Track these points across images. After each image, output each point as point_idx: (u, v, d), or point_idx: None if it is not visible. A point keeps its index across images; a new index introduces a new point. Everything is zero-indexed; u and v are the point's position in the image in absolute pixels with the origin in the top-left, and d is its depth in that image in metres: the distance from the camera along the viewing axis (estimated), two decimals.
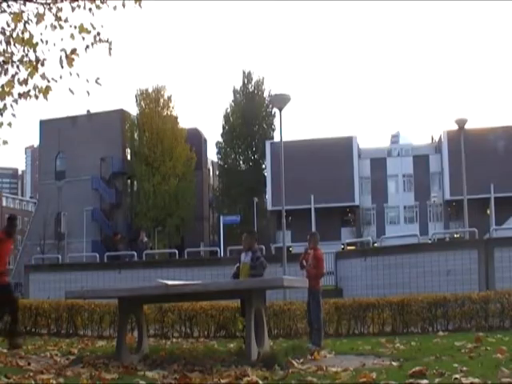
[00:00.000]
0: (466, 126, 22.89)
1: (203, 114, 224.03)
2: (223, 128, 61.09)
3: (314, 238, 9.76)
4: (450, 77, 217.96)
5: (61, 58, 7.18)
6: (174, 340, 11.62)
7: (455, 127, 23.40)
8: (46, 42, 7.23)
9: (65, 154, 60.42)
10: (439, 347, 8.25)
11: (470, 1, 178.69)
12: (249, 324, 7.06)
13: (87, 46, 7.25)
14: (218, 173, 65.39)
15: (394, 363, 6.72)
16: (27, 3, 7.26)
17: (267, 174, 57.46)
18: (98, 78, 7.18)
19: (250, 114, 58.94)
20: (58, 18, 7.26)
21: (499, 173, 50.86)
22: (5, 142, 7.25)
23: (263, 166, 60.21)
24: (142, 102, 57.47)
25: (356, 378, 5.43)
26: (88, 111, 61.75)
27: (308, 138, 58.86)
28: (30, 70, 7.22)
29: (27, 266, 23.25)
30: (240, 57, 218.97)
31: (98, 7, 7.32)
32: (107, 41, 7.32)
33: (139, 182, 56.76)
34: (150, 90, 57.62)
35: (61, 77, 7.17)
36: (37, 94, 7.20)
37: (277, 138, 54.44)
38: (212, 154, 66.71)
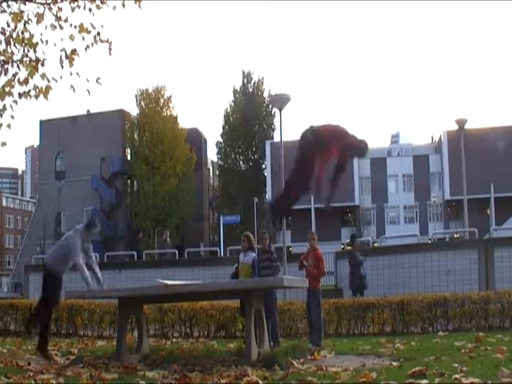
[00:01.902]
0: (466, 126, 22.85)
1: (203, 113, 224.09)
2: (223, 128, 61.02)
3: (315, 238, 9.81)
4: (450, 77, 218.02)
5: (61, 57, 7.18)
6: (174, 340, 11.61)
7: (455, 127, 23.37)
8: (46, 42, 7.23)
9: (65, 154, 60.35)
10: (439, 347, 8.24)
11: (470, 1, 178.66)
12: (249, 324, 7.06)
13: (87, 46, 7.25)
14: (218, 173, 65.30)
15: (394, 363, 6.72)
16: (27, 3, 7.26)
17: (267, 174, 57.41)
18: (98, 78, 7.18)
19: (250, 114, 58.89)
20: (58, 18, 7.26)
21: (499, 173, 50.79)
22: (3, 144, 7.24)
23: (263, 166, 60.15)
24: (141, 102, 57.39)
25: (356, 378, 5.43)
26: (88, 111, 61.68)
27: None
28: (29, 69, 7.21)
29: (27, 266, 23.26)
30: (240, 57, 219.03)
31: (97, 7, 7.32)
32: (107, 41, 7.32)
33: (139, 182, 56.69)
34: (150, 90, 57.53)
35: (61, 77, 7.18)
36: (37, 93, 7.20)
37: (277, 138, 54.39)
38: (212, 154, 66.74)
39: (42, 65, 7.25)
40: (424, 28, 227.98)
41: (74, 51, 7.19)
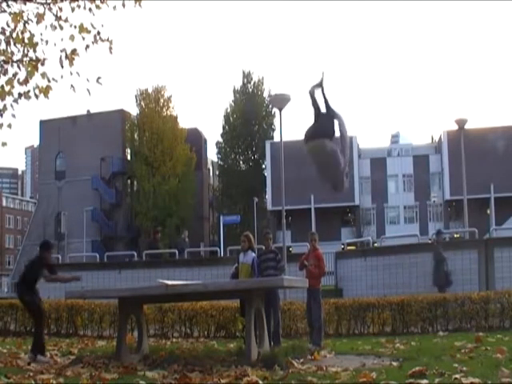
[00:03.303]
0: (466, 126, 22.85)
1: (203, 113, 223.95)
2: (223, 128, 61.07)
3: (316, 238, 9.82)
4: (450, 77, 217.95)
5: (61, 57, 7.19)
6: (174, 340, 11.61)
7: (455, 127, 23.36)
8: (46, 41, 7.24)
9: (65, 154, 60.35)
10: (439, 347, 8.24)
11: (470, 1, 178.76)
12: (249, 324, 7.06)
13: (87, 46, 7.26)
14: (217, 173, 65.36)
15: (394, 363, 6.72)
16: (27, 3, 7.26)
17: (267, 174, 57.43)
18: (98, 78, 7.19)
19: (250, 114, 58.90)
20: (58, 18, 7.27)
21: (499, 173, 50.82)
22: (4, 144, 7.24)
23: (263, 166, 60.17)
24: (141, 102, 57.42)
25: (356, 378, 5.44)
26: (88, 111, 61.69)
27: None
28: (29, 69, 7.22)
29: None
30: (240, 57, 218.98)
31: (97, 7, 7.34)
32: (108, 39, 7.33)
33: (139, 182, 56.71)
34: (150, 90, 57.56)
35: (62, 76, 7.19)
36: (37, 93, 7.20)
37: (277, 138, 54.40)
38: (212, 154, 66.76)
39: (42, 64, 7.26)
40: (424, 28, 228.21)
41: (74, 51, 7.20)
